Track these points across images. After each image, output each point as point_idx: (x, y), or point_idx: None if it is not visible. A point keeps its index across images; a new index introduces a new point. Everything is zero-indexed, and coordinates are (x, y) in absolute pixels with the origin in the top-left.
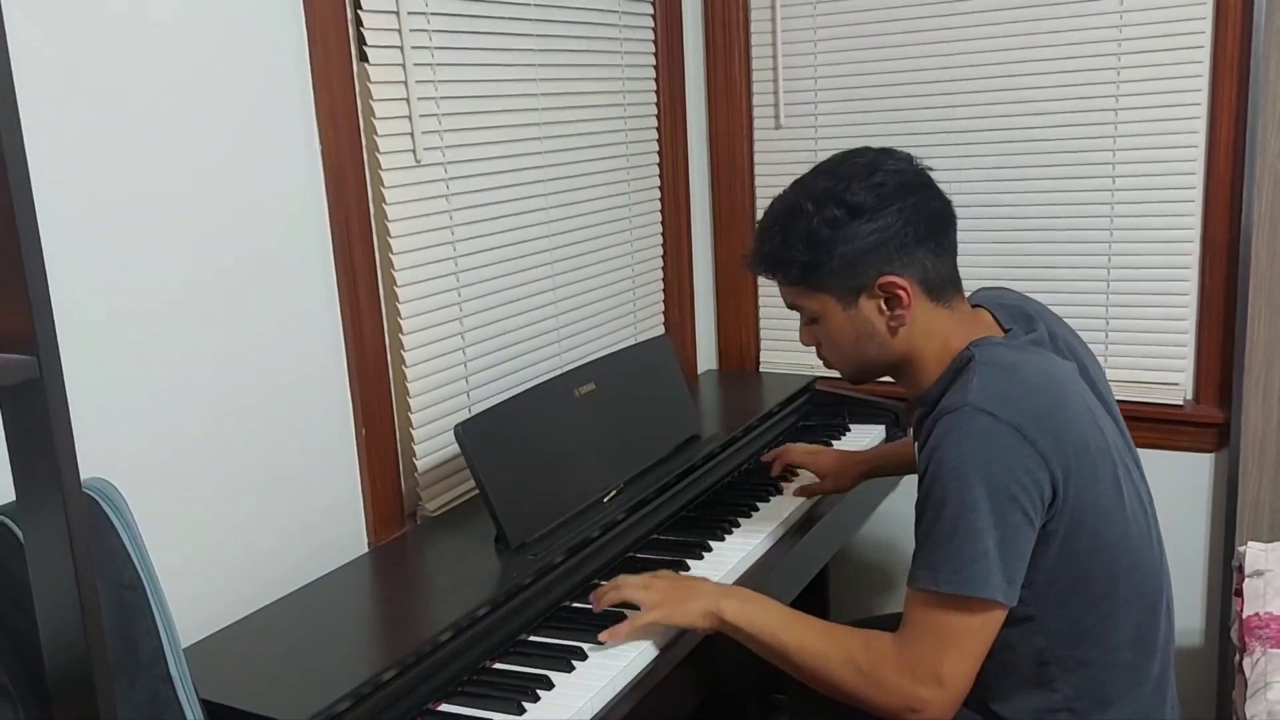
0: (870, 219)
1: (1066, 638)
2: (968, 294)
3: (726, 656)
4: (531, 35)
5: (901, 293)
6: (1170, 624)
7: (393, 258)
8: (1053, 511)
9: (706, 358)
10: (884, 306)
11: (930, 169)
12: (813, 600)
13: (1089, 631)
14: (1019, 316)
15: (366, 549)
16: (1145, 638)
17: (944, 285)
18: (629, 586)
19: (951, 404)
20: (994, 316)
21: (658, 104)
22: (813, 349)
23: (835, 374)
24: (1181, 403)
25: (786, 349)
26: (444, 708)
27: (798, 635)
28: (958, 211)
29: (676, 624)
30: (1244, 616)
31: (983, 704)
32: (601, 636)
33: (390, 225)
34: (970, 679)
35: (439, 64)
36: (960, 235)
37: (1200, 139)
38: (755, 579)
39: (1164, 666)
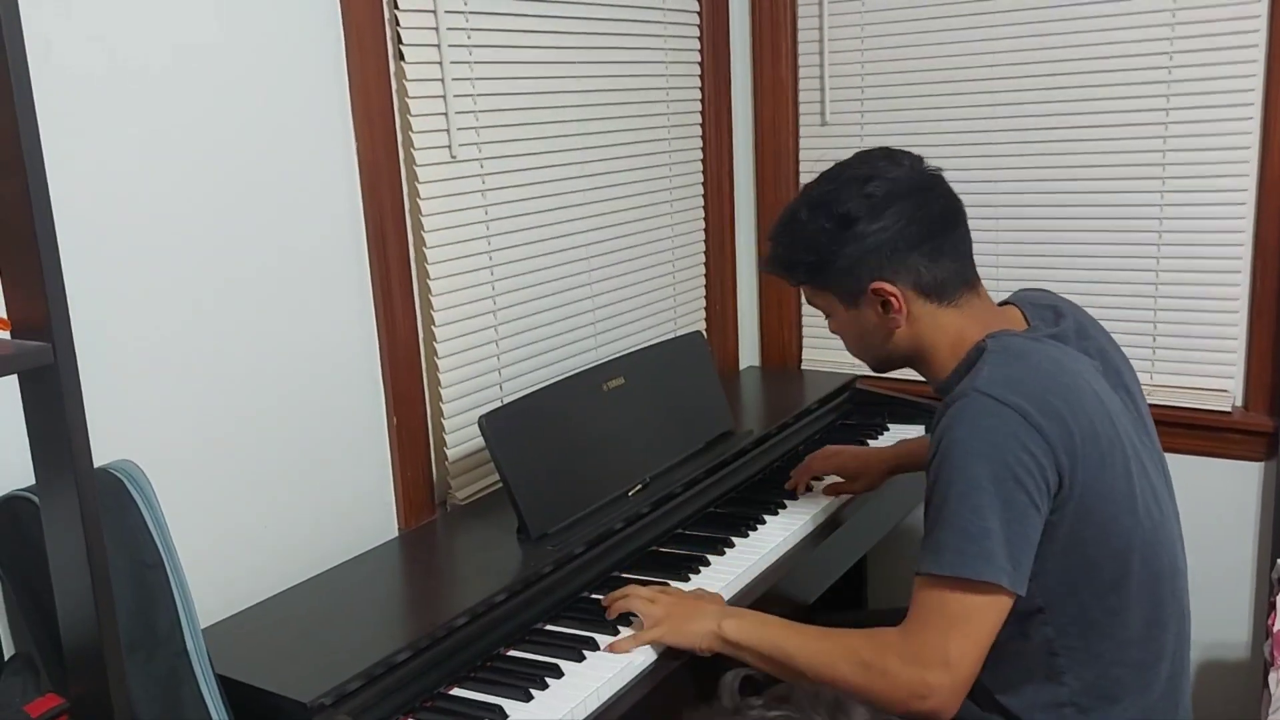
0: (860, 228)
1: (1076, 629)
2: (1008, 294)
3: None
4: (573, 33)
5: (892, 299)
6: (1181, 630)
7: (426, 251)
8: (1060, 496)
9: (749, 354)
10: (880, 309)
11: (940, 170)
12: (849, 591)
13: (1098, 623)
14: (1047, 315)
15: (397, 535)
16: (1155, 638)
17: (946, 286)
18: (636, 597)
19: (960, 390)
20: (1023, 313)
21: (702, 99)
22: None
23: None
24: (1230, 410)
25: (829, 347)
26: (455, 691)
27: (799, 641)
28: (1001, 210)
29: (677, 645)
30: (1274, 630)
31: (989, 696)
32: (605, 647)
33: (424, 220)
34: (976, 665)
35: (476, 61)
36: (1004, 234)
37: (1254, 139)
38: (775, 576)
39: (1175, 672)
